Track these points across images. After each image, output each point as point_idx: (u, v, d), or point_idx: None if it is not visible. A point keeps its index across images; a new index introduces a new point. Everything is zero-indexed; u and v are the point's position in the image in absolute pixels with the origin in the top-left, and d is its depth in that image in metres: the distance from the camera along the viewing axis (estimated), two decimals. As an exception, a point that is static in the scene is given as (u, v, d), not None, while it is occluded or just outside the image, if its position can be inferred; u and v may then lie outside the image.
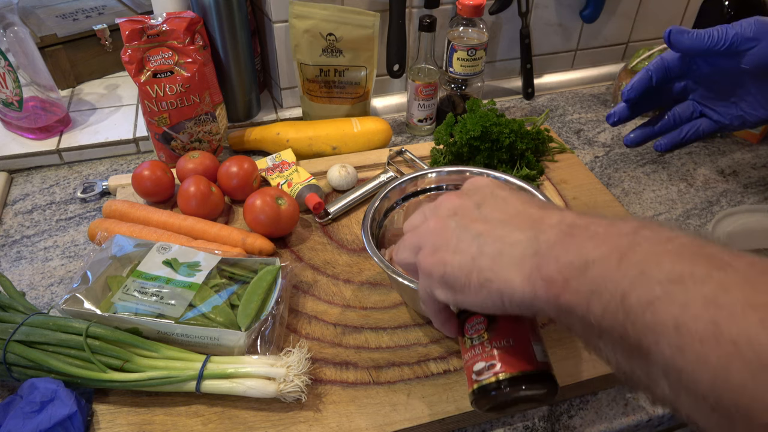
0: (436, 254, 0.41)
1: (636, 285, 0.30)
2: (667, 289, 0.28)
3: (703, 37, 0.58)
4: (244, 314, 0.57)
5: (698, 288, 0.28)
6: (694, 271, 0.29)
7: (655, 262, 0.30)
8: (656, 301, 0.28)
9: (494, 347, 0.42)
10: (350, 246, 0.74)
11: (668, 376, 0.29)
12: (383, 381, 0.57)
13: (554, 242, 0.35)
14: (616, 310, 0.30)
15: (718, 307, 0.27)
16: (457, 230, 0.41)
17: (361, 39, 0.88)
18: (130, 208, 0.74)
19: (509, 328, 0.43)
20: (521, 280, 0.36)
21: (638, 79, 0.64)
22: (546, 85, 1.13)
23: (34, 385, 0.52)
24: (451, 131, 0.83)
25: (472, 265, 0.38)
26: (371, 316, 0.64)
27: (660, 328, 0.28)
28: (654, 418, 0.58)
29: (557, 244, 0.35)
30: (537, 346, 0.43)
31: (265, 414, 0.54)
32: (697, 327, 0.27)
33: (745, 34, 0.57)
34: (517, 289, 0.36)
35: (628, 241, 0.32)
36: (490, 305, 0.38)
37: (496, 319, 0.44)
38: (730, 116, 0.65)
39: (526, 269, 0.36)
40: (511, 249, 0.37)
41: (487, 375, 0.42)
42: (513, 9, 0.99)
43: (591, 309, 0.31)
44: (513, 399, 0.42)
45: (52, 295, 0.70)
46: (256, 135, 0.91)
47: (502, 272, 0.37)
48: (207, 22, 0.85)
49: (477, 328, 0.44)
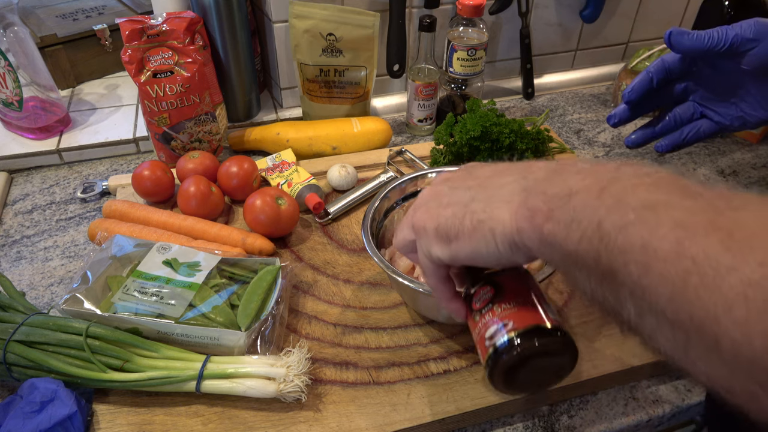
0: (429, 211, 0.43)
1: (612, 211, 0.31)
2: (640, 215, 0.30)
3: (704, 38, 0.59)
4: (244, 314, 0.57)
5: (669, 213, 0.29)
6: (668, 199, 0.30)
7: (632, 191, 0.32)
8: (629, 226, 0.30)
9: (504, 309, 0.42)
10: (350, 246, 0.74)
11: (634, 296, 0.30)
12: (383, 381, 0.57)
13: (542, 178, 0.38)
14: (591, 236, 0.32)
15: (684, 228, 0.28)
16: (450, 190, 0.43)
17: (361, 39, 0.88)
18: (130, 208, 0.74)
19: (516, 292, 0.43)
20: (510, 215, 0.37)
21: (639, 80, 0.64)
22: (546, 85, 1.13)
23: (34, 385, 0.52)
24: (451, 131, 0.83)
25: (465, 210, 0.40)
26: (371, 316, 0.64)
27: (629, 249, 0.30)
28: (654, 418, 0.58)
29: (545, 180, 0.37)
30: (545, 305, 0.43)
31: (265, 414, 0.54)
32: (662, 246, 0.28)
33: (745, 35, 0.57)
34: (507, 225, 0.37)
35: (610, 175, 0.34)
36: (484, 249, 0.39)
37: (502, 286, 0.44)
38: (731, 117, 0.65)
39: (515, 204, 0.37)
40: (501, 190, 0.39)
41: (499, 336, 0.41)
42: (513, 9, 0.99)
43: (570, 236, 0.33)
44: (529, 357, 0.41)
45: (52, 295, 0.70)
46: (256, 135, 0.91)
47: (493, 211, 0.38)
48: (207, 22, 0.85)
49: (484, 297, 0.44)
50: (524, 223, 0.36)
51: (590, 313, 0.64)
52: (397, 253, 0.64)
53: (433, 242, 0.42)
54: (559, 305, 0.65)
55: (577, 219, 0.33)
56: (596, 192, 0.33)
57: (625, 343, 0.61)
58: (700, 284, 0.27)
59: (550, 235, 0.34)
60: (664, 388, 0.60)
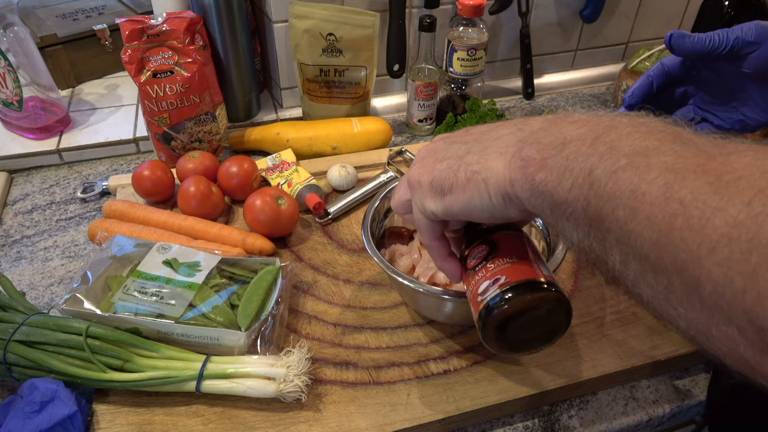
0: (425, 165, 0.42)
1: (604, 158, 0.31)
2: (630, 160, 0.30)
3: (705, 41, 0.58)
4: (244, 314, 0.57)
5: (659, 158, 0.29)
6: (660, 145, 0.30)
7: (626, 138, 0.32)
8: (619, 171, 0.30)
9: (497, 265, 0.42)
10: (350, 246, 0.74)
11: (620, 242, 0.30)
12: (383, 381, 0.57)
13: (537, 129, 0.37)
14: (582, 183, 0.32)
15: (673, 172, 0.28)
16: (447, 145, 0.43)
17: (361, 39, 0.88)
18: (130, 208, 0.74)
19: (510, 249, 0.43)
20: (504, 165, 0.37)
21: (639, 85, 0.64)
22: (546, 85, 1.13)
23: (34, 385, 0.52)
24: (451, 131, 0.83)
25: (460, 163, 0.40)
26: (371, 316, 0.64)
27: (618, 194, 0.30)
28: (654, 418, 0.58)
29: (540, 130, 0.37)
30: (540, 264, 0.43)
31: (265, 414, 0.54)
32: (650, 190, 0.29)
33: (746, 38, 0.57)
34: (500, 176, 0.37)
35: (605, 124, 0.34)
36: (478, 201, 0.39)
37: (497, 244, 0.44)
38: (732, 121, 0.65)
39: (509, 155, 0.37)
40: (496, 142, 0.39)
41: (491, 290, 0.41)
42: (513, 9, 0.99)
43: (561, 185, 0.33)
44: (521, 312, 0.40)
45: (52, 295, 0.70)
46: (256, 135, 0.91)
47: (488, 162, 0.38)
48: (207, 22, 0.85)
49: (479, 255, 0.44)
50: (517, 174, 0.36)
51: (590, 313, 0.64)
52: (397, 253, 0.64)
53: (427, 196, 0.42)
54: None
55: (570, 167, 0.33)
56: (590, 140, 0.33)
57: (625, 343, 0.61)
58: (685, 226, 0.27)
59: (542, 184, 0.34)
60: (664, 388, 0.60)
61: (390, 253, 0.64)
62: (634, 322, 0.63)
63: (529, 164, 0.35)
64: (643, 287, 0.30)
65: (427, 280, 0.60)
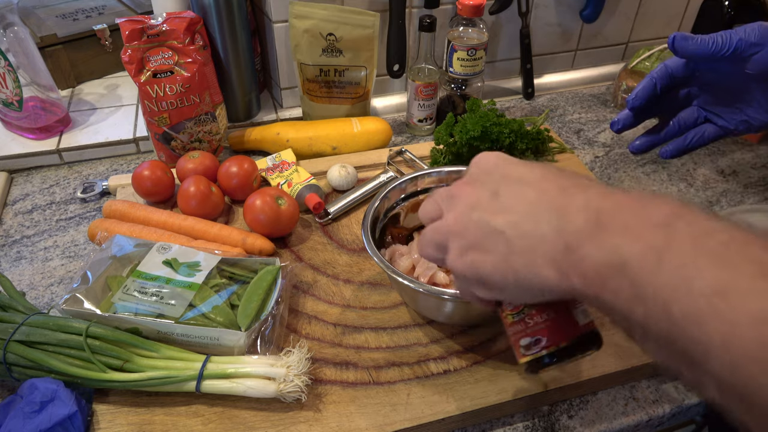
0: (466, 256, 0.41)
1: (678, 295, 0.29)
2: (711, 303, 0.28)
3: (708, 42, 0.58)
4: (244, 314, 0.57)
5: (744, 303, 0.27)
6: (739, 282, 0.28)
7: (695, 267, 0.29)
8: (701, 316, 0.28)
9: (536, 322, 0.43)
10: (350, 246, 0.74)
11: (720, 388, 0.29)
12: (383, 381, 0.57)
13: (584, 234, 0.34)
14: (659, 318, 0.30)
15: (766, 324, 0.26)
16: (480, 226, 0.40)
17: (361, 39, 0.88)
18: (130, 208, 0.74)
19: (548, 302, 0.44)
20: (557, 277, 0.35)
21: (642, 87, 0.64)
22: (546, 85, 1.13)
23: (34, 385, 0.52)
24: (451, 131, 0.83)
25: (506, 266, 0.38)
26: (371, 316, 0.64)
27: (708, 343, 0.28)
28: (654, 418, 0.58)
29: (587, 237, 0.34)
30: (577, 311, 0.43)
31: (265, 414, 0.54)
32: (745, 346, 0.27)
33: (749, 39, 0.57)
34: (554, 285, 0.36)
35: (663, 236, 0.31)
36: (531, 298, 0.41)
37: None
38: (735, 121, 0.65)
39: (561, 266, 0.35)
40: (540, 245, 0.36)
41: (535, 349, 0.43)
42: (513, 9, 0.99)
43: (633, 311, 0.31)
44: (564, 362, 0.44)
45: (52, 295, 0.70)
46: (256, 135, 0.91)
47: (537, 270, 0.36)
48: (207, 22, 0.85)
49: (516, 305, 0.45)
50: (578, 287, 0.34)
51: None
52: (397, 253, 0.64)
53: (475, 287, 0.42)
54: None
55: (638, 296, 0.31)
56: (653, 263, 0.30)
57: (625, 343, 0.61)
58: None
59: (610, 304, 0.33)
60: (664, 388, 0.60)
61: (390, 253, 0.64)
62: (634, 322, 0.63)
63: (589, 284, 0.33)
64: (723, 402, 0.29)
65: (427, 280, 0.60)
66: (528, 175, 0.40)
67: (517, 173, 0.41)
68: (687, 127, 0.68)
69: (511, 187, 0.40)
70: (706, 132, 0.67)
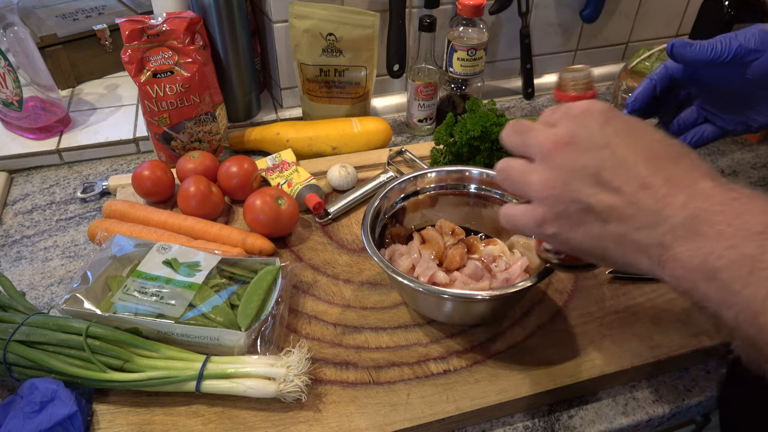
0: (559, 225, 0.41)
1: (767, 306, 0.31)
2: None
3: (707, 49, 0.58)
4: (244, 314, 0.57)
5: None
6: None
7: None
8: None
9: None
10: (350, 246, 0.74)
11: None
12: (383, 381, 0.57)
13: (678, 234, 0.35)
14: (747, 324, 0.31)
15: None
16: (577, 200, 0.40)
17: (361, 39, 0.88)
18: (130, 208, 0.74)
19: None
20: (649, 265, 0.38)
21: (642, 88, 0.64)
22: (546, 85, 1.13)
23: (34, 385, 0.52)
24: (451, 131, 0.83)
25: (597, 244, 0.40)
26: (371, 316, 0.64)
27: None
28: (654, 418, 0.58)
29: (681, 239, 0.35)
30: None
31: (265, 414, 0.54)
32: None
33: (748, 45, 0.57)
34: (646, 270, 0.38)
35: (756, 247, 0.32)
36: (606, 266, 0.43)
37: None
38: (735, 122, 0.65)
39: (653, 258, 0.37)
40: (635, 233, 0.37)
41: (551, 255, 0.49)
42: (513, 9, 0.99)
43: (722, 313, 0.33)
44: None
45: (52, 295, 0.70)
46: (256, 135, 0.91)
47: (629, 257, 0.39)
48: (207, 22, 0.85)
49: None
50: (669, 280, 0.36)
51: (590, 313, 0.64)
52: (397, 253, 0.64)
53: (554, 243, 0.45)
54: (559, 305, 0.65)
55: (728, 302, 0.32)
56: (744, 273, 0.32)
57: (625, 343, 0.61)
58: None
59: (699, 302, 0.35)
60: (664, 388, 0.60)
61: (390, 253, 0.64)
62: (634, 322, 0.63)
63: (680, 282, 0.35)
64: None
65: (427, 279, 0.60)
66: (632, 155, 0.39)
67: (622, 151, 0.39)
68: (687, 127, 0.68)
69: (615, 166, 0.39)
70: (706, 132, 0.67)
